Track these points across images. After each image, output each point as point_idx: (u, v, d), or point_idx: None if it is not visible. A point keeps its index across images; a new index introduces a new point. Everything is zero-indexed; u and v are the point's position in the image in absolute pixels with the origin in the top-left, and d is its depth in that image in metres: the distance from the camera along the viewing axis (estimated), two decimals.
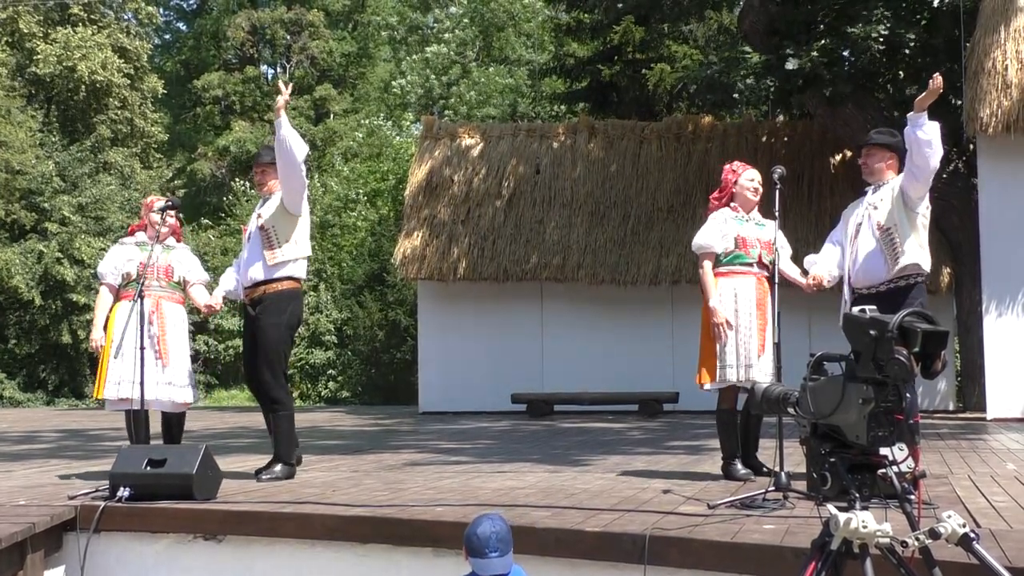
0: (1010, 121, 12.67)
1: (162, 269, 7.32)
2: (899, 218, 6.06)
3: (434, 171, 17.82)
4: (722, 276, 6.68)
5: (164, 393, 7.17)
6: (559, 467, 7.79)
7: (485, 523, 4.11)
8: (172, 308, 7.35)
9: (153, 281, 7.23)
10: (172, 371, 7.20)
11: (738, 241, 6.68)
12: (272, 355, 6.89)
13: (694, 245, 6.81)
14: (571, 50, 25.57)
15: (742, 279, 6.66)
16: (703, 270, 6.71)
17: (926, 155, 5.91)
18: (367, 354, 25.52)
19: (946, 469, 7.32)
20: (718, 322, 6.52)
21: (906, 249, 6.04)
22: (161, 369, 7.13)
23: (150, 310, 7.13)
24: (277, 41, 37.80)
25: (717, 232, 6.73)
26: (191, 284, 7.55)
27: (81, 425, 14.36)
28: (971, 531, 2.96)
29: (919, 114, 5.90)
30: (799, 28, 15.38)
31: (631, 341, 16.65)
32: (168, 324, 7.25)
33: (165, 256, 7.38)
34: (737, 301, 6.60)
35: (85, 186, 26.77)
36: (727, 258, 6.71)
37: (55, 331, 25.36)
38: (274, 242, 6.89)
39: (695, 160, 17.41)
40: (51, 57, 28.93)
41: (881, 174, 6.23)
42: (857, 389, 2.92)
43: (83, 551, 5.67)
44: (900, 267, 6.03)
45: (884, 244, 6.07)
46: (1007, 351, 12.87)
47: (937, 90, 5.91)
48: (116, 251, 7.53)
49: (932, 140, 5.89)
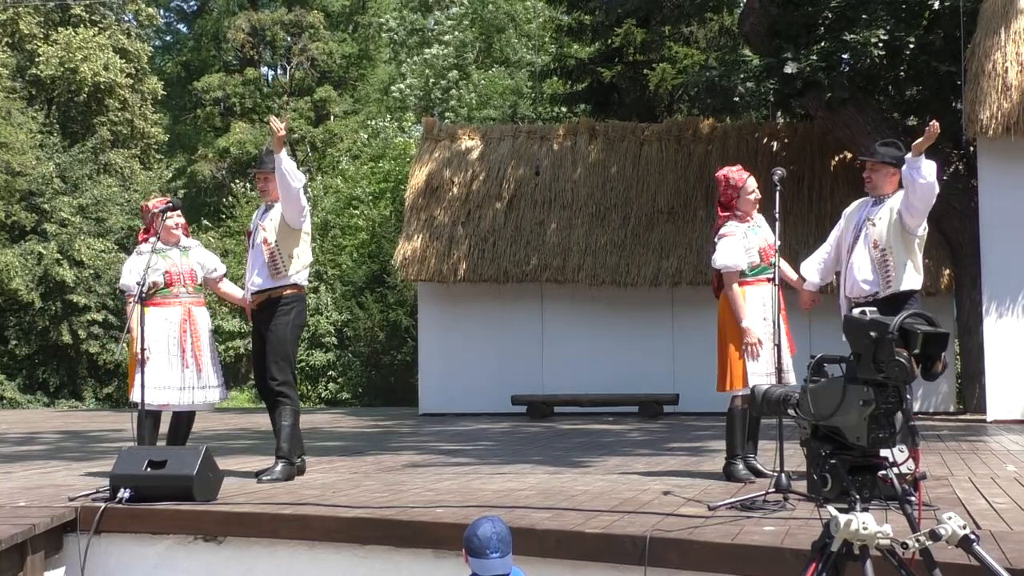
0: (1010, 123, 12.67)
1: (187, 275, 7.40)
2: (895, 241, 6.22)
3: (434, 173, 17.82)
4: (748, 286, 6.74)
5: (200, 397, 7.32)
6: (559, 469, 7.80)
7: (486, 524, 4.12)
8: (200, 313, 7.47)
9: (181, 288, 7.33)
10: (206, 375, 7.34)
11: (761, 253, 6.76)
12: (281, 351, 7.13)
13: (720, 266, 6.82)
14: (572, 51, 25.57)
15: (768, 288, 6.71)
16: (732, 292, 6.73)
17: (924, 196, 6.07)
18: (367, 356, 25.53)
19: (946, 471, 7.32)
20: (751, 342, 6.57)
21: (899, 274, 6.20)
22: (197, 375, 7.26)
23: (182, 319, 7.25)
24: (277, 42, 37.79)
25: (741, 248, 6.77)
26: (218, 281, 7.71)
27: (81, 426, 14.36)
28: (971, 533, 2.97)
29: (916, 157, 6.04)
30: (799, 31, 15.38)
31: (631, 343, 16.64)
32: (199, 329, 7.37)
33: (186, 261, 7.44)
34: (767, 309, 6.65)
35: (85, 187, 26.76)
36: (753, 271, 6.78)
37: (55, 332, 25.33)
38: (280, 264, 7.16)
39: (695, 162, 17.41)
40: (53, 59, 28.92)
41: (884, 189, 6.32)
42: (857, 391, 2.93)
43: (83, 552, 5.67)
44: (891, 292, 6.16)
45: (878, 265, 6.23)
46: (1007, 353, 12.87)
47: (934, 135, 6.04)
48: (136, 262, 7.43)
49: (930, 182, 6.05)
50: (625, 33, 21.97)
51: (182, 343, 7.20)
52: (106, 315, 25.48)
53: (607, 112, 22.51)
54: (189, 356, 7.22)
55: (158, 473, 5.95)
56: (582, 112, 23.97)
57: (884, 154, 6.31)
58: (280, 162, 6.90)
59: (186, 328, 7.24)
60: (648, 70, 21.96)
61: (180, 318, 7.22)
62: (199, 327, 7.34)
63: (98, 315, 25.34)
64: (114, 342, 24.82)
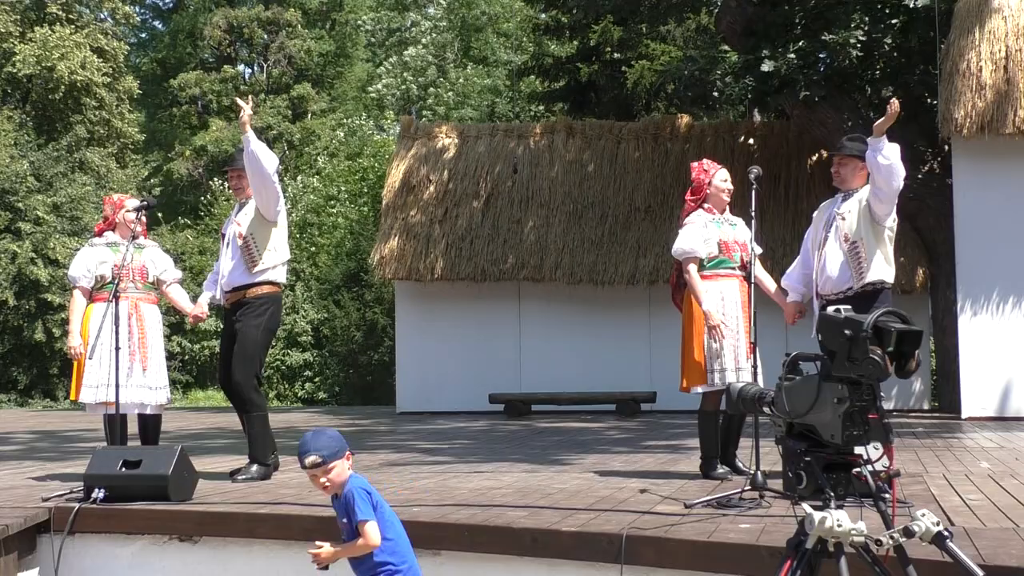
0: (984, 122, 12.75)
1: (137, 270, 7.26)
2: (865, 232, 6.17)
3: (411, 171, 17.79)
4: (707, 280, 6.70)
5: (143, 396, 7.15)
6: (536, 467, 7.79)
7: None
8: (149, 310, 7.32)
9: (129, 283, 7.17)
10: (151, 374, 7.18)
11: (721, 246, 6.72)
12: (249, 356, 6.92)
13: (676, 251, 6.78)
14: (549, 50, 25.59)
15: (727, 282, 6.71)
16: (690, 275, 6.68)
17: (888, 178, 6.01)
18: (344, 355, 25.46)
19: (921, 468, 7.36)
20: (714, 324, 6.54)
21: (871, 265, 6.15)
22: (141, 372, 7.12)
23: (128, 313, 7.08)
24: (255, 40, 37.67)
25: (699, 237, 6.73)
26: (167, 284, 7.52)
27: (55, 426, 14.27)
28: (945, 529, 2.98)
29: (878, 138, 6.01)
30: (776, 30, 15.43)
31: (609, 341, 16.67)
32: (147, 326, 7.23)
33: (139, 256, 7.31)
34: (724, 304, 6.63)
35: (60, 185, 26.58)
36: (711, 263, 6.74)
37: (29, 331, 25.16)
38: (255, 254, 6.96)
39: (672, 160, 17.44)
40: (29, 57, 28.72)
41: (852, 183, 6.31)
42: (832, 388, 2.93)
43: (57, 553, 5.63)
44: (864, 283, 6.12)
45: (850, 257, 6.18)
46: (981, 351, 12.96)
47: (894, 115, 6.01)
48: (87, 253, 7.39)
49: (893, 163, 5.98)
50: (602, 31, 22.01)
51: (129, 340, 7.02)
52: None
53: (584, 110, 22.54)
54: (136, 351, 7.07)
55: (133, 473, 5.91)
56: (559, 110, 23.99)
57: (851, 148, 6.33)
58: (248, 143, 6.68)
59: (132, 323, 7.08)
60: (626, 68, 22.00)
61: (126, 312, 7.04)
62: (146, 324, 7.19)
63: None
64: None
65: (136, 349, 7.10)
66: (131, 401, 7.04)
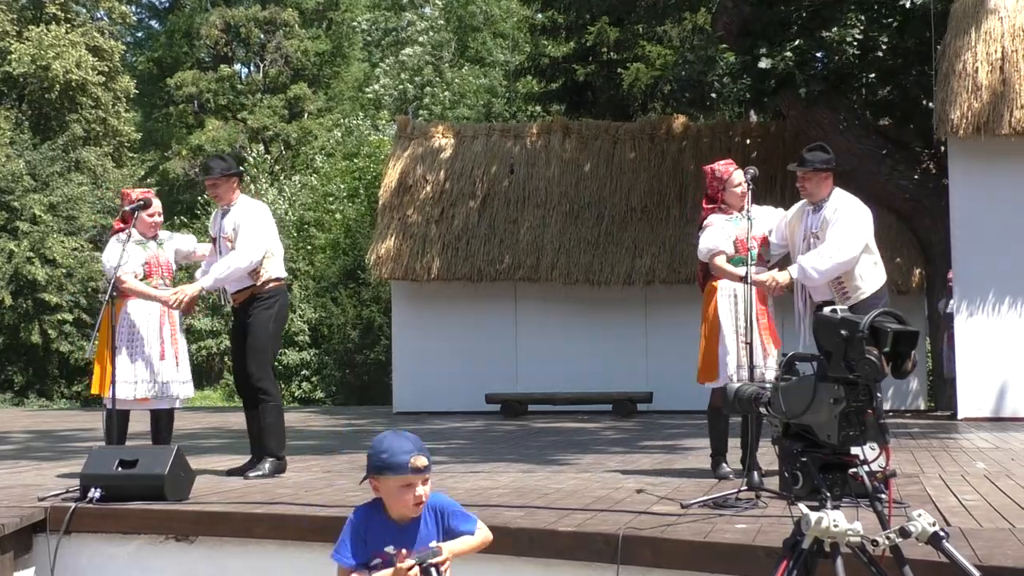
0: (980, 123, 12.75)
1: (165, 268, 7.34)
2: None
3: (408, 171, 17.78)
4: (721, 279, 6.73)
5: (178, 390, 7.24)
6: (533, 467, 7.79)
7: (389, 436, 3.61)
8: None
9: (159, 280, 7.25)
10: (183, 368, 7.28)
11: (737, 244, 6.74)
12: (261, 346, 7.05)
13: (702, 252, 6.82)
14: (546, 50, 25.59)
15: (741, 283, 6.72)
16: (718, 265, 6.71)
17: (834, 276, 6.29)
18: (341, 355, 25.43)
19: (917, 468, 7.37)
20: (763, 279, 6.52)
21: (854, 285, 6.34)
22: (176, 367, 7.19)
23: (161, 311, 7.15)
24: (251, 39, 37.65)
25: (721, 235, 6.75)
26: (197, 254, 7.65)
27: (51, 426, 14.25)
28: (941, 530, 2.99)
29: (796, 276, 6.38)
30: (773, 29, 15.44)
31: (605, 341, 16.67)
32: (176, 324, 7.31)
33: (163, 253, 7.37)
34: (738, 303, 6.64)
35: (56, 185, 26.53)
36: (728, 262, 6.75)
37: (25, 331, 25.10)
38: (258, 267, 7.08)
39: (669, 160, 17.45)
40: (25, 56, 28.68)
41: (820, 194, 6.46)
42: (828, 389, 2.94)
43: (53, 553, 5.62)
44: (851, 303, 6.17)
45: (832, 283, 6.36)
46: (978, 351, 12.97)
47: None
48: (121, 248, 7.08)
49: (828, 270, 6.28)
50: (598, 32, 22.01)
51: (161, 335, 7.10)
52: (79, 314, 25.29)
53: (581, 111, 22.55)
54: (168, 348, 7.13)
55: (129, 473, 5.91)
56: (556, 111, 23.99)
57: (812, 160, 6.40)
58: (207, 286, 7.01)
59: (163, 321, 7.15)
60: (622, 69, 22.00)
61: (160, 310, 7.12)
62: (176, 321, 7.28)
63: (69, 315, 25.13)
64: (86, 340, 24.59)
65: (168, 344, 7.15)
66: (170, 395, 7.16)
